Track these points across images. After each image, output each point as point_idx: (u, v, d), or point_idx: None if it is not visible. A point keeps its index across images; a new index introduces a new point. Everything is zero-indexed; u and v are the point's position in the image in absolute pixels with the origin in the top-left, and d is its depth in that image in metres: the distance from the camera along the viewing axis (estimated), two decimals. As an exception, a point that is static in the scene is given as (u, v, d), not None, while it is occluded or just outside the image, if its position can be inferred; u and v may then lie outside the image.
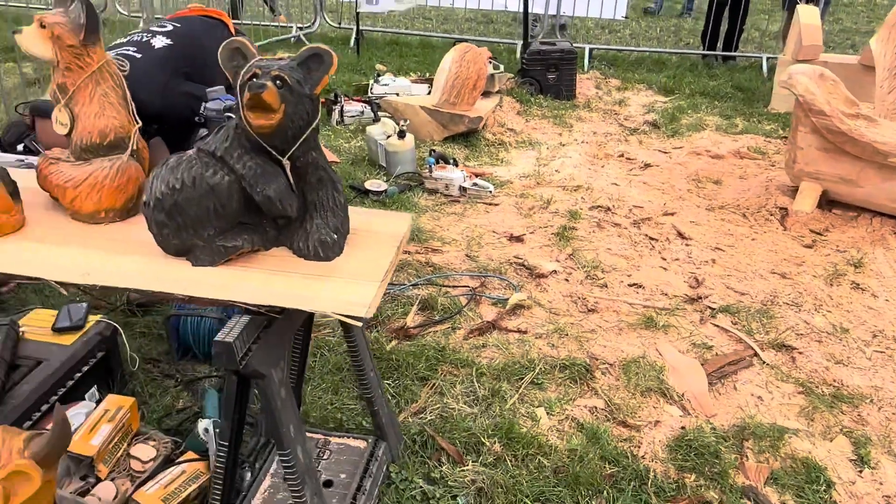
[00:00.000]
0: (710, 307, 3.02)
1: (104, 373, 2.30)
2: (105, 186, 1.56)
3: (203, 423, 2.10)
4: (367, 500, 1.84)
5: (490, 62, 5.20)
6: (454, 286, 3.12)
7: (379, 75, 5.68)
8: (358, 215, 1.61)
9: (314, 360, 2.55)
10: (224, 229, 1.43)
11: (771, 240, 3.62)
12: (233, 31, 2.73)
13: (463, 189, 4.04)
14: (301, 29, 7.56)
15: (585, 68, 6.81)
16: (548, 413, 2.38)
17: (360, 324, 1.33)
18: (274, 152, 1.40)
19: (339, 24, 7.76)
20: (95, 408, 2.11)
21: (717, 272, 3.31)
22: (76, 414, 2.08)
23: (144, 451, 2.09)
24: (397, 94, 5.28)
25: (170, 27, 2.53)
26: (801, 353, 2.72)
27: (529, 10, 6.22)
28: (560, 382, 2.53)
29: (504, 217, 3.81)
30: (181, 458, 2.07)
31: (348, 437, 2.03)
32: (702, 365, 2.63)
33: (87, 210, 1.57)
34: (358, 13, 6.75)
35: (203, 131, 2.53)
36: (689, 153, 4.79)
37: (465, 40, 6.71)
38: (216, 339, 1.31)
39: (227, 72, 1.41)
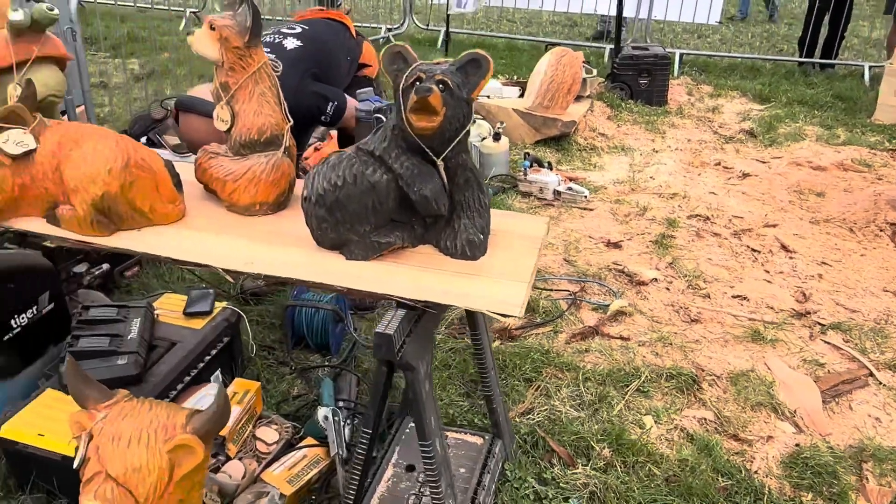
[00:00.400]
0: (819, 323, 2.94)
1: (228, 357, 2.41)
2: (261, 181, 1.66)
3: (322, 411, 2.18)
4: (486, 495, 1.88)
5: (582, 66, 5.18)
6: (554, 290, 3.13)
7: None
8: (494, 217, 1.64)
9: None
10: (378, 226, 1.50)
11: (881, 256, 3.49)
12: (353, 33, 2.83)
13: (557, 193, 4.04)
14: (390, 30, 7.70)
15: (675, 73, 6.69)
16: (656, 422, 2.36)
17: (510, 320, 1.37)
18: (430, 153, 1.45)
19: (427, 25, 7.87)
20: (224, 390, 2.23)
21: (824, 287, 3.22)
22: (205, 395, 2.19)
23: (268, 434, 2.19)
24: (488, 97, 5.31)
25: (299, 29, 2.64)
26: (920, 374, 2.63)
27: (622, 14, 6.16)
28: (666, 392, 2.51)
29: (600, 222, 3.79)
30: (302, 444, 2.16)
31: (465, 433, 2.07)
32: (814, 382, 2.57)
33: (243, 202, 1.67)
34: (448, 15, 6.83)
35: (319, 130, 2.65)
36: (788, 163, 4.65)
37: (555, 43, 6.73)
38: (377, 330, 1.37)
39: (388, 74, 1.47)
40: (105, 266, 2.81)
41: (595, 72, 5.52)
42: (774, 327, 2.90)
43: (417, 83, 1.38)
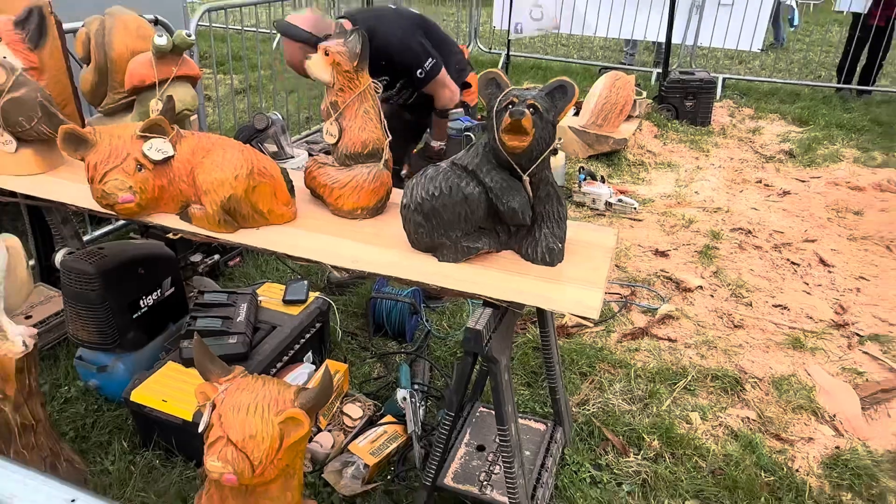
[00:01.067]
0: (857, 334, 2.84)
1: (318, 341, 2.47)
2: (364, 189, 1.69)
3: (401, 393, 2.21)
4: (548, 477, 1.88)
5: (634, 89, 5.10)
6: (607, 292, 3.09)
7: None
8: (569, 227, 1.64)
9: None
10: (468, 232, 1.51)
11: (918, 274, 3.34)
12: (466, 55, 2.86)
13: (609, 204, 4.00)
14: (456, 52, 7.73)
15: (718, 97, 6.52)
16: (702, 418, 2.32)
17: (592, 324, 1.36)
18: (518, 169, 1.46)
19: (490, 49, 7.88)
20: (315, 370, 2.29)
21: (862, 301, 3.10)
22: (300, 374, 2.25)
23: (353, 410, 2.23)
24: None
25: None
26: (957, 388, 2.51)
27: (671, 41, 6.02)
28: (711, 391, 2.47)
29: (648, 233, 3.74)
30: (382, 421, 2.20)
31: (529, 419, 2.08)
32: (853, 389, 2.48)
33: (347, 207, 1.71)
34: (509, 40, 6.81)
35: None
36: (827, 183, 4.49)
37: (607, 67, 6.65)
38: (468, 325, 1.39)
39: (482, 97, 1.48)
40: (216, 256, 2.91)
41: (644, 94, 5.43)
42: (814, 336, 2.81)
43: (510, 106, 1.39)
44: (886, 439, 2.26)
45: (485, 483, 1.81)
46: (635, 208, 3.97)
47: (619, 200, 4.01)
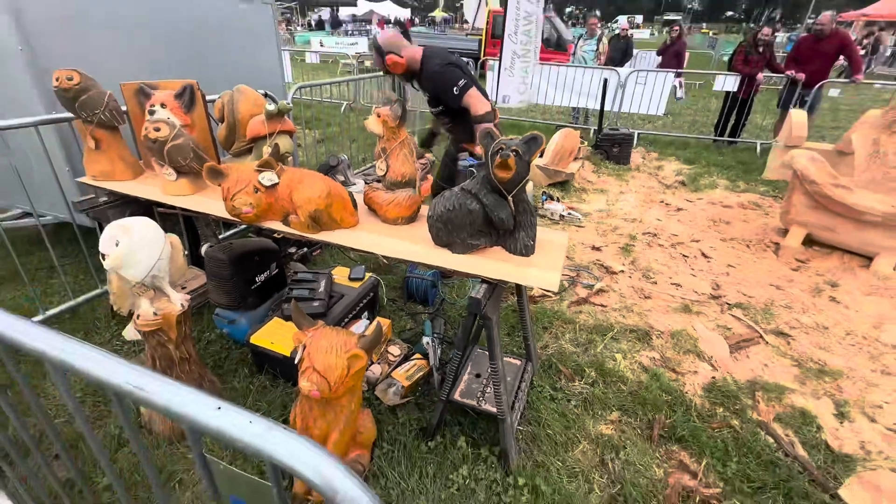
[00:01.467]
0: (727, 303, 2.80)
1: (371, 305, 2.46)
2: (402, 205, 1.68)
3: (425, 339, 2.20)
4: (522, 395, 1.87)
5: (579, 139, 5.04)
6: (562, 274, 3.06)
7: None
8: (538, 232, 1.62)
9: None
10: (472, 234, 1.50)
11: (768, 264, 3.29)
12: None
13: (562, 216, 3.96)
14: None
15: (634, 145, 6.43)
16: (623, 358, 2.30)
17: (553, 294, 1.34)
18: (505, 192, 1.44)
19: (483, 113, 7.80)
20: (369, 324, 2.28)
21: (730, 281, 3.06)
22: (360, 326, 2.25)
23: (394, 350, 2.23)
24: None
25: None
26: (794, 339, 2.47)
27: (603, 108, 5.93)
28: (630, 340, 2.44)
29: (587, 235, 3.69)
30: (413, 357, 2.19)
31: (509, 357, 2.06)
32: (724, 339, 2.45)
33: (391, 217, 1.69)
34: (496, 108, 6.73)
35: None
36: (707, 203, 4.42)
37: (561, 125, 6.55)
38: (471, 294, 1.38)
39: (481, 144, 1.46)
40: (305, 248, 2.91)
41: (586, 143, 5.36)
42: (698, 304, 2.78)
43: (500, 151, 1.38)
44: (745, 373, 2.23)
45: (480, 398, 1.80)
46: (580, 219, 3.93)
47: (569, 213, 3.97)
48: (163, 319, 1.62)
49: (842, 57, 5.74)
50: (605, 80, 6.28)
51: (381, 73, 2.27)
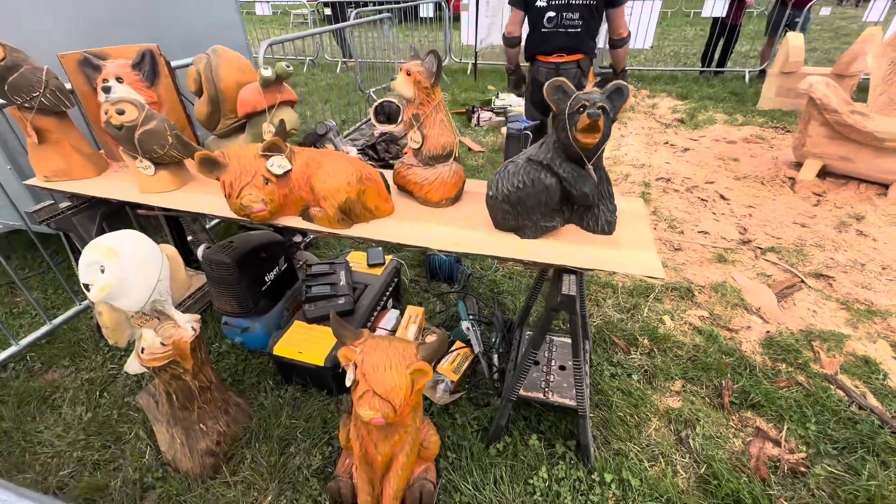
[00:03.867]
0: (759, 248, 2.68)
1: (395, 291, 2.21)
2: (447, 183, 1.39)
3: (465, 324, 2.00)
4: (587, 377, 1.70)
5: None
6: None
7: (497, 94, 5.24)
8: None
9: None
10: (545, 214, 1.24)
11: (786, 200, 3.17)
12: None
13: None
14: (436, 64, 7.02)
15: (622, 83, 6.10)
16: (671, 319, 2.16)
17: (660, 280, 1.12)
18: (585, 160, 1.18)
19: (460, 59, 7.22)
20: (399, 314, 2.04)
21: (755, 223, 2.93)
22: (390, 318, 2.01)
23: (431, 338, 2.01)
24: (511, 105, 4.87)
25: None
26: (835, 280, 2.38)
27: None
28: (673, 298, 2.30)
29: (600, 186, 3.47)
30: (454, 347, 1.98)
31: (561, 336, 1.87)
32: (768, 287, 2.33)
33: (434, 199, 1.41)
34: (476, 52, 6.21)
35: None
36: (711, 140, 4.24)
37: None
38: (563, 291, 1.14)
39: (549, 101, 1.17)
40: (310, 235, 2.58)
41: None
42: (731, 252, 2.64)
43: (582, 110, 1.09)
44: (796, 322, 2.13)
45: (545, 389, 1.62)
46: (588, 169, 3.68)
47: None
48: (173, 349, 1.33)
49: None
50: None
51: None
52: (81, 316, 2.19)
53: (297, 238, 2.45)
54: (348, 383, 1.24)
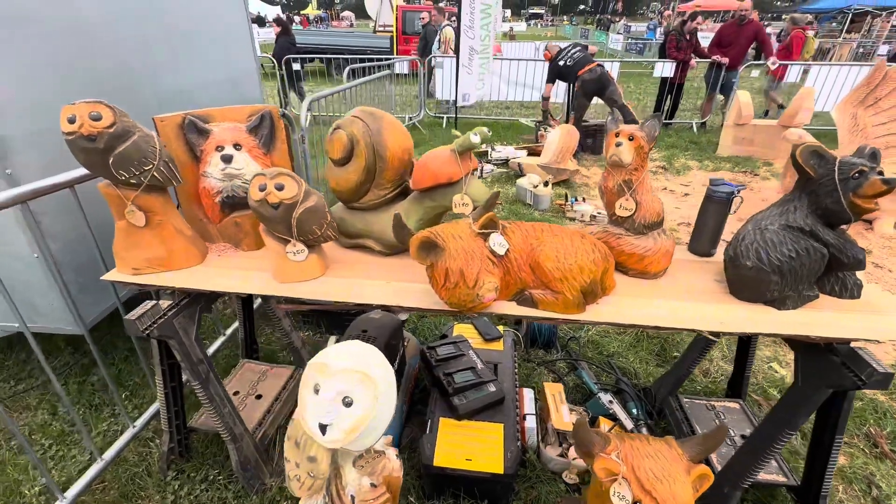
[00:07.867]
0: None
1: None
2: (668, 253, 1.27)
3: (604, 396, 1.82)
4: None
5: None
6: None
7: (493, 147, 5.30)
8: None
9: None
10: (810, 282, 1.16)
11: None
12: None
13: (593, 216, 3.77)
14: (412, 119, 7.03)
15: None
16: (780, 366, 2.14)
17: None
18: (849, 221, 1.12)
19: (435, 114, 7.26)
20: (534, 395, 1.81)
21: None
22: (528, 397, 1.77)
23: (573, 418, 1.80)
24: (507, 159, 4.96)
25: None
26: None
27: (570, 99, 5.88)
28: (767, 344, 2.29)
29: (630, 233, 3.53)
30: (596, 423, 1.78)
31: (722, 400, 1.76)
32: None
33: (654, 270, 1.28)
34: (457, 106, 6.32)
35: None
36: (700, 185, 4.58)
37: (522, 123, 6.38)
38: (876, 368, 1.04)
39: (804, 166, 1.12)
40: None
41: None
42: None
43: (858, 175, 1.05)
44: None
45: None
46: (613, 217, 3.76)
47: (599, 213, 3.79)
48: (386, 490, 1.02)
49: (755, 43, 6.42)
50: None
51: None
52: (140, 440, 1.67)
53: (403, 316, 2.15)
54: (620, 500, 1.02)
